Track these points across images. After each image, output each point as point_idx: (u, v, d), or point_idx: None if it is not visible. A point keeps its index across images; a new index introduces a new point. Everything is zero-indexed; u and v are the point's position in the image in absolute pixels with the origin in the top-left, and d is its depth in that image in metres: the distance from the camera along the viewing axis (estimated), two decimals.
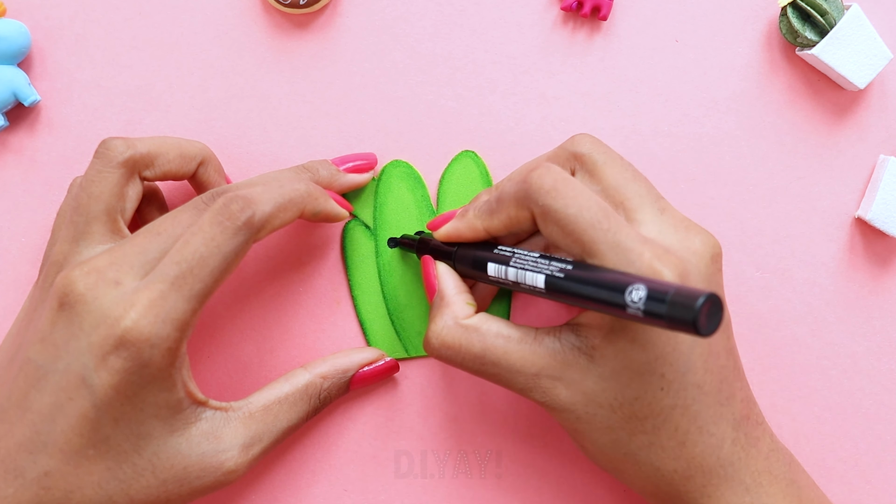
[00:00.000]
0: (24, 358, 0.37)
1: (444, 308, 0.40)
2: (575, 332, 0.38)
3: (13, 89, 0.45)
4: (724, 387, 0.38)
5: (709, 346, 0.37)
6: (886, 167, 0.45)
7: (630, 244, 0.35)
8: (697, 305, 0.30)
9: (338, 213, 0.42)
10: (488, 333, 0.39)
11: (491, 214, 0.40)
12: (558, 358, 0.37)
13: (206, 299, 0.36)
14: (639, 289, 0.32)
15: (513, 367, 0.38)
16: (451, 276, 0.41)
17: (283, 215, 0.38)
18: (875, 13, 0.46)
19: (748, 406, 0.39)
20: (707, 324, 0.30)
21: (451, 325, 0.39)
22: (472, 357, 0.38)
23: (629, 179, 0.39)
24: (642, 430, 0.37)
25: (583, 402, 0.37)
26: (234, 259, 0.37)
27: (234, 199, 0.37)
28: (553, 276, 0.36)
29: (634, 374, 0.36)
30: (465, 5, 0.46)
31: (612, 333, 0.37)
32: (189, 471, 0.38)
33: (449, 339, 0.39)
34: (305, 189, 0.40)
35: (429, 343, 0.39)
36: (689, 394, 0.37)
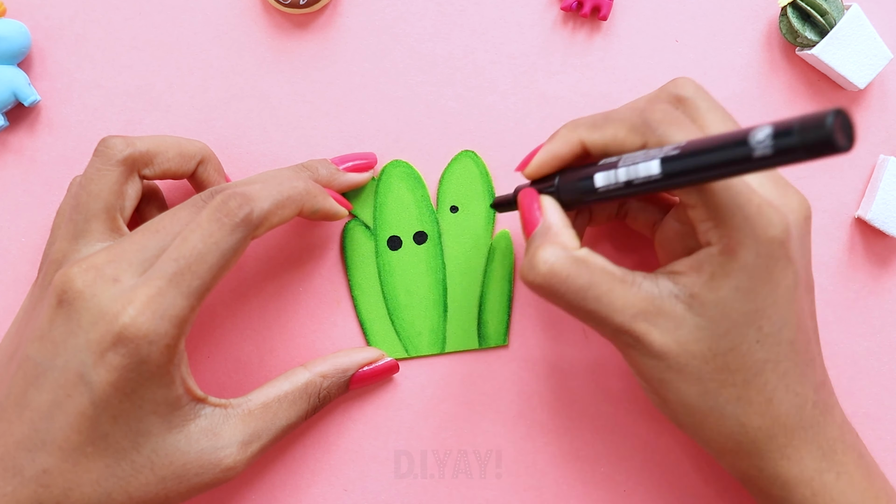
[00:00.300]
0: (23, 356, 0.37)
1: (553, 237, 0.38)
2: (672, 280, 0.37)
3: (13, 89, 0.45)
4: (810, 348, 0.38)
5: (801, 304, 0.37)
6: (886, 167, 0.45)
7: (740, 187, 0.35)
8: (829, 122, 0.28)
9: (337, 212, 0.42)
10: (595, 267, 0.37)
11: (594, 128, 0.38)
12: (656, 303, 0.37)
13: (204, 296, 0.36)
14: (762, 129, 0.30)
15: (613, 306, 0.37)
16: (556, 208, 0.39)
17: (282, 212, 0.38)
18: (875, 13, 0.46)
19: (824, 373, 0.39)
20: (844, 138, 0.28)
21: (561, 253, 0.37)
22: (576, 289, 0.37)
23: (732, 129, 0.38)
24: (732, 383, 0.37)
25: (675, 351, 0.37)
26: (232, 256, 0.37)
27: (232, 196, 0.37)
28: (668, 156, 0.34)
29: (732, 324, 0.36)
30: (465, 5, 0.46)
31: (713, 280, 0.36)
32: (188, 468, 0.38)
33: (559, 267, 0.37)
34: (304, 187, 0.40)
35: (535, 269, 0.37)
36: (782, 349, 0.37)
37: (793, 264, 0.36)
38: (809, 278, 0.38)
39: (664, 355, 0.37)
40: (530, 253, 0.38)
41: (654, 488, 0.46)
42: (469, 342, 0.46)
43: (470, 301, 0.46)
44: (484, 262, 0.46)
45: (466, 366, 0.46)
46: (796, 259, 0.36)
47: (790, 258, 0.36)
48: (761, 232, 0.35)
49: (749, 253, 0.35)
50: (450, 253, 0.46)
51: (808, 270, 0.38)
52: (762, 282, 0.36)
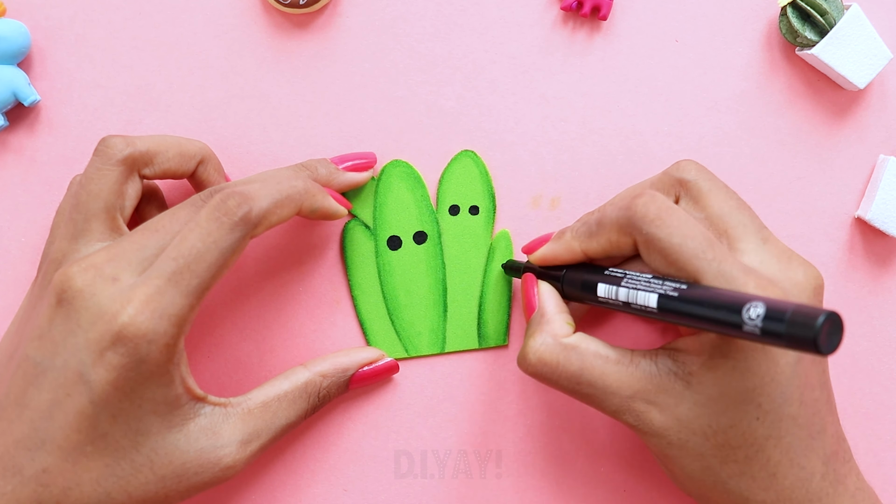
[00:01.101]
0: (23, 355, 0.37)
1: (545, 325, 0.40)
2: (672, 357, 0.38)
3: (13, 89, 0.45)
4: (817, 420, 0.37)
5: (805, 378, 0.37)
6: (886, 167, 0.45)
7: (734, 274, 0.35)
8: (818, 324, 0.29)
9: (336, 211, 0.42)
10: (587, 353, 0.38)
11: (590, 237, 0.40)
12: (654, 382, 0.37)
13: (203, 295, 0.36)
14: (757, 306, 0.31)
15: (608, 389, 0.38)
16: (552, 295, 0.41)
17: (281, 212, 0.38)
18: (875, 13, 0.46)
19: (838, 442, 0.39)
20: (828, 343, 0.30)
21: (550, 342, 0.39)
22: (569, 375, 0.38)
23: (734, 208, 0.39)
24: (734, 459, 0.37)
25: (676, 428, 0.37)
26: (231, 255, 0.37)
27: (230, 196, 0.37)
28: (667, 294, 0.36)
29: (731, 402, 0.36)
30: (465, 5, 0.46)
31: (712, 360, 0.36)
32: (187, 467, 0.38)
33: (547, 356, 0.38)
34: (303, 186, 0.40)
35: (526, 359, 0.39)
36: (783, 425, 0.37)
37: None
38: None
39: (664, 433, 0.37)
40: (524, 341, 0.40)
41: (654, 489, 0.46)
42: (469, 342, 0.46)
43: (470, 301, 0.46)
44: (484, 262, 0.46)
45: (466, 366, 0.46)
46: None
47: None
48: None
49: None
50: (450, 253, 0.46)
51: None
52: (759, 361, 0.36)
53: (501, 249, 0.46)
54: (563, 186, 0.46)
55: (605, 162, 0.46)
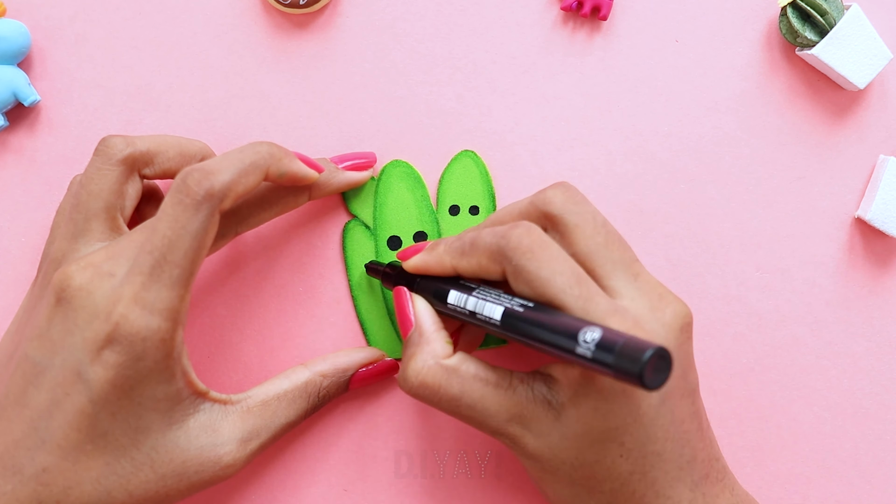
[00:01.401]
0: (22, 355, 0.37)
1: (424, 345, 0.39)
2: (546, 384, 0.38)
3: (13, 89, 0.45)
4: (686, 451, 0.38)
5: (672, 416, 0.37)
6: (886, 167, 0.45)
7: (599, 314, 0.35)
8: (644, 358, 0.30)
9: (305, 174, 0.41)
10: (466, 376, 0.38)
11: (462, 255, 0.39)
12: (529, 408, 0.37)
13: (189, 283, 0.36)
14: (593, 331, 0.32)
15: (486, 412, 0.38)
16: (429, 312, 0.40)
17: (246, 180, 0.37)
18: (875, 13, 0.46)
19: (709, 465, 0.39)
20: (653, 377, 0.30)
21: (431, 364, 0.38)
22: (449, 398, 0.38)
23: (601, 245, 0.38)
24: (601, 490, 0.37)
25: (548, 455, 0.37)
26: (204, 235, 0.36)
27: (189, 174, 0.36)
28: (512, 309, 0.36)
29: (595, 439, 0.36)
30: (465, 5, 0.46)
31: (577, 397, 0.36)
32: (187, 465, 0.38)
33: (429, 379, 0.38)
34: (267, 150, 0.38)
35: (407, 381, 0.38)
36: (647, 461, 0.37)
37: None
38: (687, 384, 0.38)
39: (538, 458, 0.38)
40: (403, 362, 0.39)
41: None
42: None
43: None
44: None
45: None
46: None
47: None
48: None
49: (605, 380, 0.36)
50: None
51: (685, 377, 0.38)
52: (620, 404, 0.36)
53: None
54: None
55: (605, 162, 0.46)
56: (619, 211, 0.46)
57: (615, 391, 0.36)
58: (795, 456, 0.46)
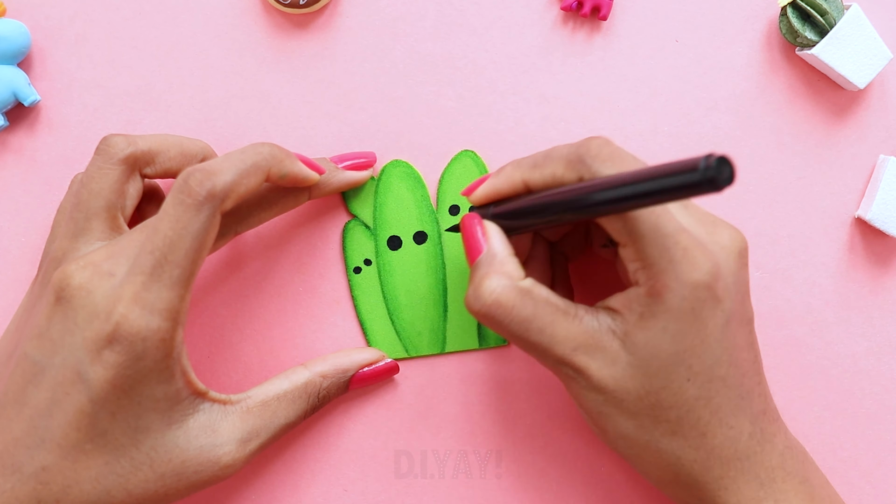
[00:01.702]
0: (22, 354, 0.37)
1: (498, 266, 0.38)
2: (611, 315, 0.37)
3: (13, 89, 0.45)
4: (745, 381, 0.38)
5: (734, 340, 0.37)
6: (886, 167, 0.45)
7: (669, 229, 0.35)
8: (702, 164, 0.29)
9: (306, 175, 0.41)
10: (539, 299, 0.38)
11: (534, 167, 0.39)
12: (595, 337, 0.37)
13: (189, 283, 0.36)
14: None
15: (555, 338, 0.37)
16: (501, 235, 0.40)
17: (247, 181, 0.37)
18: (875, 13, 0.46)
19: (765, 401, 0.39)
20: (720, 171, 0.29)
21: (507, 284, 0.38)
22: (521, 320, 0.37)
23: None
24: (666, 419, 0.37)
25: (612, 386, 0.37)
26: (205, 235, 0.36)
27: (191, 174, 0.36)
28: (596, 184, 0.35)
29: (662, 363, 0.36)
30: (465, 5, 0.46)
31: (642, 321, 0.36)
32: (187, 465, 0.38)
33: (504, 298, 0.37)
34: (269, 151, 0.39)
35: (480, 299, 0.38)
36: (713, 386, 0.37)
37: (721, 304, 0.36)
38: (745, 311, 0.38)
39: (602, 389, 0.38)
40: (475, 281, 0.38)
41: (654, 488, 0.46)
42: (469, 342, 0.46)
43: None
44: None
45: (466, 366, 0.46)
46: (725, 298, 0.36)
47: (718, 298, 0.36)
48: (686, 276, 0.36)
49: (674, 296, 0.36)
50: (450, 253, 0.46)
51: (743, 304, 0.38)
52: (689, 323, 0.36)
53: None
54: None
55: None
56: None
57: (684, 309, 0.36)
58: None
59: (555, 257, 0.44)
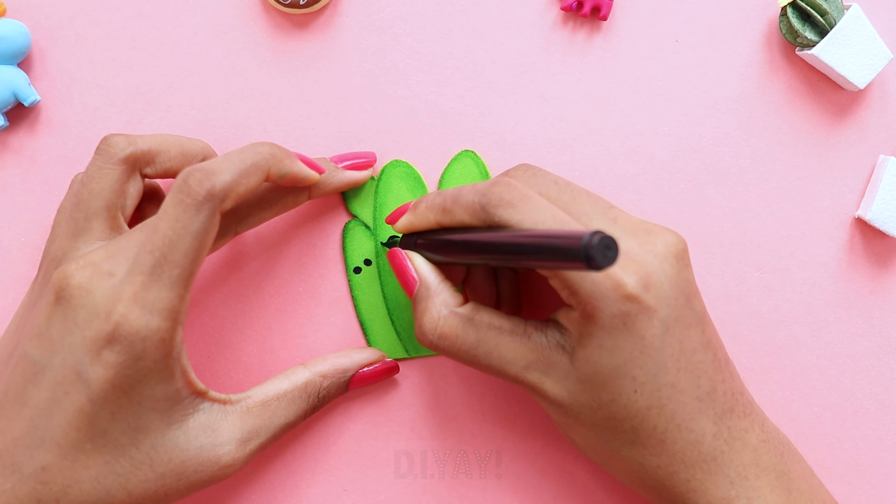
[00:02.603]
0: (21, 353, 0.37)
1: (434, 297, 0.39)
2: (559, 331, 0.38)
3: (13, 89, 0.45)
4: (703, 382, 0.38)
5: (680, 345, 0.37)
6: (886, 167, 0.45)
7: None
8: (585, 238, 0.29)
9: (306, 175, 0.41)
10: (481, 324, 0.38)
11: (443, 212, 0.39)
12: (545, 353, 0.38)
13: (189, 283, 0.36)
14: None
15: (504, 359, 0.38)
16: (429, 266, 0.41)
17: (247, 181, 0.37)
18: (875, 13, 0.46)
19: (732, 398, 0.39)
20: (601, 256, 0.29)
21: (445, 313, 0.39)
22: (468, 347, 0.38)
23: (569, 203, 0.38)
24: (622, 430, 0.38)
25: (567, 400, 0.38)
26: (205, 235, 0.36)
27: (190, 174, 0.36)
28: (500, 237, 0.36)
29: (607, 378, 0.37)
30: (465, 5, 0.46)
31: (582, 338, 0.37)
32: (186, 465, 0.38)
33: (446, 328, 0.39)
34: (269, 151, 0.39)
35: (425, 335, 0.39)
36: (663, 394, 0.37)
37: (656, 312, 0.36)
38: (692, 313, 0.38)
39: (559, 403, 0.38)
40: (417, 317, 0.40)
41: None
42: None
43: None
44: None
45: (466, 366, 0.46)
46: (660, 306, 0.36)
47: (650, 308, 0.36)
48: (612, 293, 0.36)
49: (605, 315, 0.36)
50: None
51: (689, 306, 0.38)
52: (623, 338, 0.36)
53: None
54: None
55: (605, 162, 0.46)
56: None
57: (616, 325, 0.36)
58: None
59: (501, 270, 0.43)
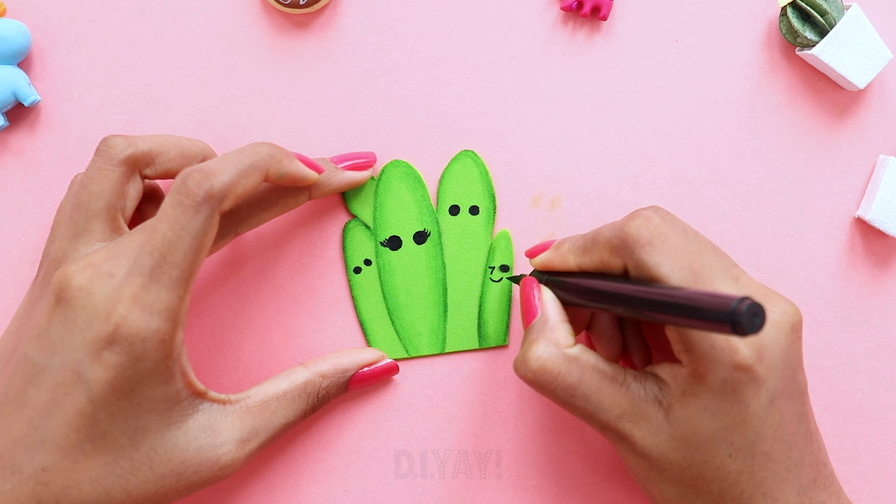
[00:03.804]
0: (22, 354, 0.37)
1: (548, 333, 0.39)
2: (658, 385, 0.38)
3: (13, 89, 0.45)
4: (794, 453, 0.38)
5: (780, 416, 0.37)
6: (886, 167, 0.45)
7: None
8: (733, 303, 0.30)
9: (305, 175, 0.41)
10: (586, 366, 0.38)
11: (584, 252, 0.40)
12: (641, 406, 0.38)
13: (188, 283, 0.36)
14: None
15: (600, 405, 0.38)
16: (555, 302, 0.41)
17: (246, 181, 0.37)
18: (875, 13, 0.46)
19: (817, 469, 0.39)
20: (749, 322, 0.30)
21: (554, 351, 0.38)
22: (566, 387, 0.38)
23: (695, 254, 0.38)
24: (708, 491, 0.37)
25: (656, 454, 0.38)
26: (204, 236, 0.36)
27: (189, 175, 0.36)
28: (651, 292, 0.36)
29: (704, 439, 0.37)
30: (465, 5, 0.46)
31: (685, 397, 0.37)
32: (186, 465, 0.38)
33: (550, 364, 0.38)
34: (267, 151, 0.38)
35: (527, 365, 0.39)
36: (756, 461, 0.37)
37: (765, 383, 0.36)
38: (796, 385, 0.38)
39: (646, 456, 0.38)
40: (525, 346, 0.39)
41: None
42: (469, 342, 0.46)
43: (470, 301, 0.46)
44: (484, 262, 0.46)
45: (466, 366, 0.46)
46: (770, 377, 0.36)
47: (760, 378, 0.36)
48: (727, 358, 0.36)
49: (715, 378, 0.36)
50: (450, 253, 0.46)
51: (794, 378, 0.38)
52: (730, 403, 0.36)
53: (501, 249, 0.46)
54: (563, 186, 0.46)
55: (605, 162, 0.46)
56: (620, 211, 0.46)
57: (725, 390, 0.36)
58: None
59: (627, 320, 0.43)
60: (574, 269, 0.40)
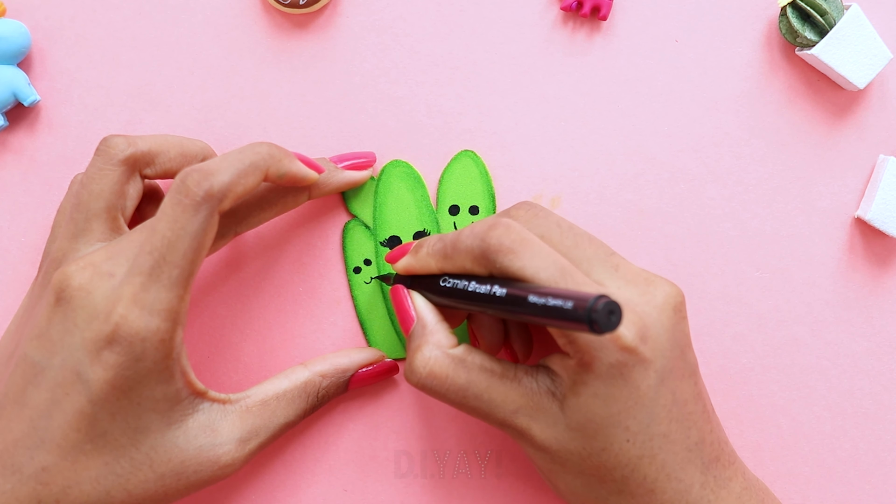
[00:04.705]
0: (21, 354, 0.37)
1: (428, 337, 0.39)
2: (550, 377, 0.38)
3: (13, 89, 0.45)
4: (693, 432, 0.38)
5: (673, 396, 0.37)
6: (886, 167, 0.45)
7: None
8: (591, 301, 0.31)
9: (305, 174, 0.41)
10: (473, 366, 0.38)
11: (445, 258, 0.39)
12: (534, 399, 0.38)
13: (188, 283, 0.36)
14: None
15: (493, 403, 0.38)
16: (428, 306, 0.40)
17: (245, 181, 0.37)
18: (875, 13, 0.46)
19: (718, 447, 0.39)
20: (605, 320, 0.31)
21: (438, 354, 0.38)
22: (456, 389, 0.38)
23: (571, 247, 0.38)
24: (612, 479, 0.37)
25: (555, 446, 0.38)
26: (203, 236, 0.36)
27: (188, 175, 0.36)
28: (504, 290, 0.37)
29: (599, 426, 0.37)
30: (465, 5, 0.46)
31: (576, 386, 0.37)
32: (186, 465, 0.38)
33: (437, 368, 0.38)
34: (267, 151, 0.38)
35: (414, 373, 0.38)
36: (655, 443, 0.37)
37: (652, 364, 0.36)
38: (686, 364, 0.38)
39: (546, 449, 0.38)
40: (410, 354, 0.39)
41: None
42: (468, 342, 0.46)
43: None
44: None
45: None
46: (656, 357, 0.36)
47: (647, 360, 0.36)
48: (610, 343, 0.36)
49: (602, 365, 0.36)
50: None
51: (683, 357, 0.38)
52: (619, 388, 0.36)
53: None
54: (563, 186, 0.46)
55: (605, 162, 0.46)
56: (619, 211, 0.46)
57: (613, 375, 0.36)
58: (795, 456, 0.46)
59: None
60: (437, 273, 0.40)
